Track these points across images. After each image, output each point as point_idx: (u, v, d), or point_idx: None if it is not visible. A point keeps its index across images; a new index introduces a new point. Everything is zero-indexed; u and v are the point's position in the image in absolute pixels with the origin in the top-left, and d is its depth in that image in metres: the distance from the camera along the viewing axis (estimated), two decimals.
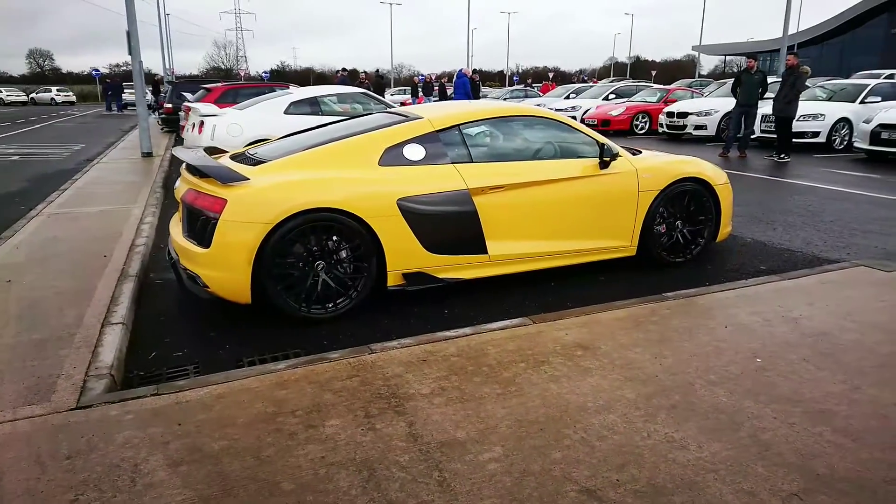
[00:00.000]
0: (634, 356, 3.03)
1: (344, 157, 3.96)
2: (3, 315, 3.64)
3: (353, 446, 2.29)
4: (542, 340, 3.23)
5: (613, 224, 4.50)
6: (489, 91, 32.32)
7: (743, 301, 3.77)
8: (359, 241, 3.73)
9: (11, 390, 2.73)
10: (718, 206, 4.81)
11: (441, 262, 4.01)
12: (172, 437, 2.37)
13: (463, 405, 2.58)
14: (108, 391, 2.77)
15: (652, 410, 2.52)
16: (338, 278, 3.77)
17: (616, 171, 4.46)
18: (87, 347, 3.18)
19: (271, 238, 3.52)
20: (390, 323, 3.77)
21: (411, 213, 3.83)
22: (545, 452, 2.24)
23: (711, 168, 4.89)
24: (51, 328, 3.43)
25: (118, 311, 3.72)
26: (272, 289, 3.59)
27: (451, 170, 4.04)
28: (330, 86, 10.87)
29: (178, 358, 3.34)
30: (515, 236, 4.22)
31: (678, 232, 4.77)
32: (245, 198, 3.54)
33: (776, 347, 3.11)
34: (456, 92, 17.48)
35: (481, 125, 4.45)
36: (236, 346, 3.47)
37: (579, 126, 4.59)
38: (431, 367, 2.93)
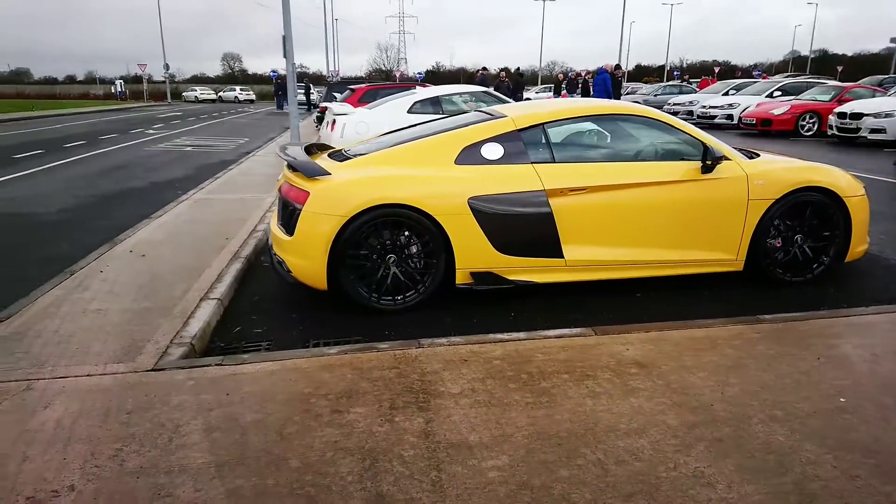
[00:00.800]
0: (695, 380, 2.77)
1: (422, 155, 4.04)
2: (129, 284, 4.20)
3: (367, 435, 2.35)
4: (596, 353, 3.06)
5: (715, 235, 4.11)
6: (640, 86, 30.88)
7: (852, 331, 3.27)
8: (428, 237, 3.79)
9: (109, 349, 3.17)
10: (849, 220, 4.20)
11: (512, 264, 3.94)
12: (218, 405, 2.60)
13: (487, 409, 2.54)
14: (183, 357, 3.11)
15: (690, 441, 2.30)
16: (407, 272, 3.86)
17: (722, 176, 4.07)
18: (181, 318, 3.59)
19: (346, 230, 3.70)
20: (455, 321, 3.79)
21: (482, 212, 3.81)
22: (552, 468, 2.14)
23: (843, 177, 4.28)
24: (160, 298, 3.91)
25: (219, 287, 4.14)
26: (345, 278, 3.77)
27: (530, 170, 3.95)
28: (454, 85, 11.06)
29: (258, 334, 3.63)
30: (597, 241, 4.02)
31: (797, 248, 4.24)
32: (325, 191, 3.75)
33: (870, 388, 2.66)
34: (595, 89, 16.89)
35: (570, 124, 4.28)
36: (310, 329, 3.70)
37: (681, 125, 4.25)
38: (470, 368, 2.91)
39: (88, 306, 3.80)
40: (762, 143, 13.99)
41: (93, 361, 3.03)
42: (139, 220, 6.17)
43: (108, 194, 8.32)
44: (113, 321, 3.55)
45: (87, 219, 6.80)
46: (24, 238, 5.92)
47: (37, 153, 12.86)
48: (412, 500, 1.99)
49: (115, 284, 4.21)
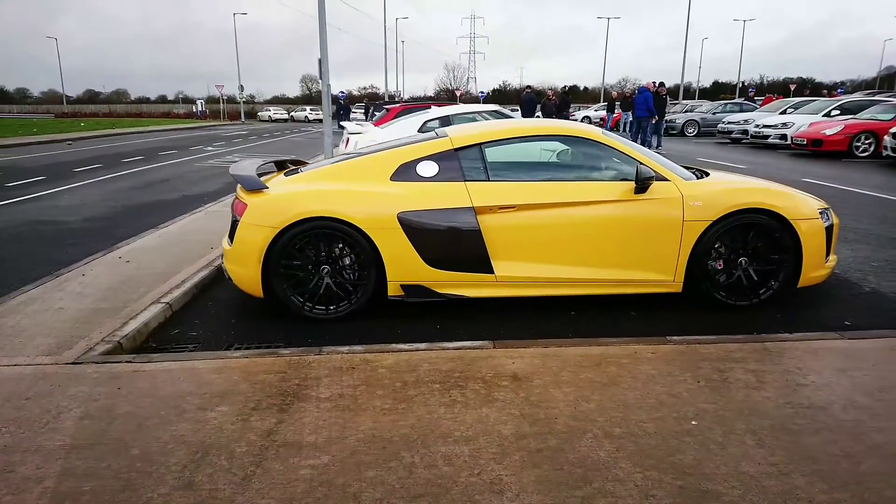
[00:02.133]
0: (557, 395, 2.78)
1: (360, 171, 4.22)
2: (99, 287, 4.58)
3: (214, 431, 2.52)
4: (480, 365, 3.11)
5: (650, 255, 4.06)
6: (701, 104, 30.00)
7: (755, 357, 3.16)
8: (359, 250, 3.95)
9: (47, 343, 3.50)
10: (799, 244, 4.04)
11: (442, 278, 4.04)
12: (105, 396, 2.84)
13: (341, 413, 2.66)
14: (105, 354, 3.39)
15: (510, 451, 2.33)
16: (340, 283, 4.03)
17: (655, 197, 4.02)
18: (124, 319, 3.89)
19: (279, 241, 3.92)
20: (388, 330, 3.89)
21: (412, 227, 3.94)
22: (363, 469, 2.24)
23: (793, 199, 4.12)
24: (117, 300, 4.25)
25: (174, 293, 4.44)
26: (279, 286, 3.99)
27: (461, 187, 4.05)
28: (468, 104, 11.23)
29: (192, 337, 3.89)
30: (528, 258, 4.06)
31: (741, 271, 4.11)
32: (261, 204, 3.99)
33: (731, 413, 2.59)
34: (637, 108, 16.64)
35: (509, 144, 4.35)
36: (244, 334, 3.92)
37: (619, 145, 4.23)
38: (353, 375, 3.03)
39: (53, 305, 4.18)
40: (811, 164, 13.35)
41: (27, 353, 3.36)
42: (152, 229, 6.66)
43: (138, 205, 8.97)
44: (65, 318, 3.91)
45: (108, 227, 7.38)
46: (44, 243, 6.52)
47: (95, 167, 13.98)
48: (216, 489, 2.14)
49: (88, 287, 4.60)
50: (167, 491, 2.13)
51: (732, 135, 20.88)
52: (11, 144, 20.96)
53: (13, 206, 8.84)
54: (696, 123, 25.71)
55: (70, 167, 14.01)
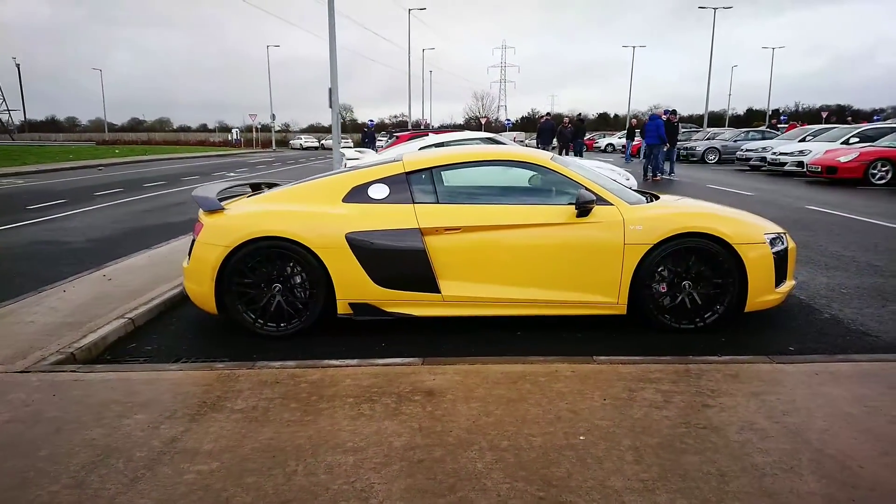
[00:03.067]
0: (462, 410, 2.84)
1: (315, 192, 4.38)
2: (74, 302, 4.81)
3: (123, 437, 2.65)
4: (402, 381, 3.19)
5: (592, 277, 4.10)
6: (721, 131, 29.76)
7: (672, 378, 3.17)
8: (309, 268, 4.09)
9: (2, 354, 3.70)
10: (743, 269, 4.03)
11: (390, 297, 4.14)
12: (38, 402, 3.01)
13: (248, 424, 2.76)
14: (55, 364, 3.57)
15: (393, 460, 2.40)
16: (291, 301, 4.17)
17: (596, 220, 4.08)
18: (84, 332, 4.09)
19: (231, 259, 4.08)
20: (329, 347, 3.99)
21: (359, 247, 4.07)
22: (244, 476, 2.33)
23: (736, 223, 4.13)
24: (85, 315, 4.46)
25: (140, 309, 4.64)
26: (231, 303, 4.14)
27: (409, 209, 4.17)
28: (463, 132, 11.42)
29: (145, 351, 4.05)
30: (474, 279, 4.14)
31: (685, 294, 4.11)
32: (215, 224, 4.18)
33: (624, 431, 2.61)
34: (648, 135, 16.62)
35: (460, 168, 4.47)
36: (195, 349, 4.06)
37: (564, 170, 4.31)
38: (274, 389, 3.14)
39: (25, 318, 4.41)
40: (823, 192, 13.13)
41: None
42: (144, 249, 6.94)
43: (144, 227, 9.33)
44: (30, 331, 4.12)
45: (108, 248, 7.69)
46: (41, 262, 6.84)
47: (116, 191, 14.57)
48: (103, 489, 2.26)
49: (63, 302, 4.83)
50: (57, 489, 2.26)
51: (751, 162, 20.62)
52: (46, 170, 21.96)
53: (26, 228, 9.28)
54: (716, 151, 25.49)
55: (92, 191, 14.62)
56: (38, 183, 17.06)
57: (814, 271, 5.84)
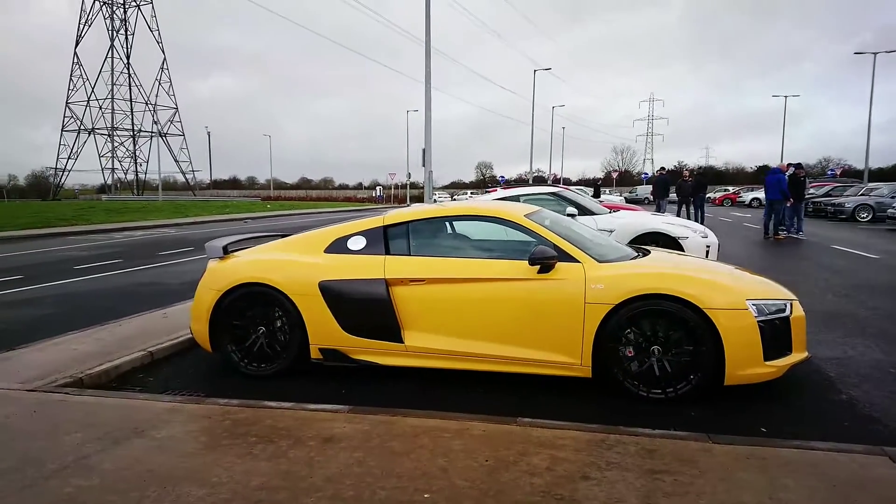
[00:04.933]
0: (340, 458, 2.89)
1: (304, 243, 4.72)
2: (122, 335, 5.51)
3: (48, 448, 3.05)
4: (312, 426, 3.31)
5: (554, 336, 3.94)
6: (878, 186, 26.44)
7: (578, 447, 2.95)
8: (286, 313, 4.39)
9: (31, 374, 4.36)
10: (719, 342, 3.65)
11: (357, 344, 4.30)
12: (16, 416, 3.53)
13: (151, 451, 3.04)
14: (61, 386, 4.15)
15: (228, 498, 2.52)
16: (271, 344, 4.48)
17: (559, 277, 3.95)
18: (102, 361, 4.69)
19: (223, 302, 4.51)
20: (299, 391, 4.21)
21: (331, 294, 4.30)
22: (104, 495, 2.59)
23: (710, 286, 3.78)
24: (119, 346, 5.10)
25: (164, 343, 5.22)
26: (221, 343, 4.55)
27: (380, 260, 4.34)
28: (531, 187, 11.32)
29: (150, 382, 4.55)
30: (436, 331, 4.17)
31: (654, 360, 3.80)
32: (213, 270, 4.65)
33: (480, 493, 2.50)
34: (768, 191, 15.30)
35: (435, 223, 4.57)
36: (189, 383, 4.48)
37: (534, 226, 4.23)
38: (200, 422, 3.41)
39: (73, 346, 5.16)
40: None
41: (14, 379, 4.24)
42: None
43: None
44: (67, 357, 4.81)
45: (191, 290, 8.64)
46: (131, 300, 7.89)
47: None
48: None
49: (112, 334, 5.57)
50: None
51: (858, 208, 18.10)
52: (199, 221, 25.13)
53: (142, 271, 10.73)
54: (869, 208, 22.68)
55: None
56: (184, 233, 19.59)
57: (875, 346, 5.04)
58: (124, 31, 70.73)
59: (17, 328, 6.27)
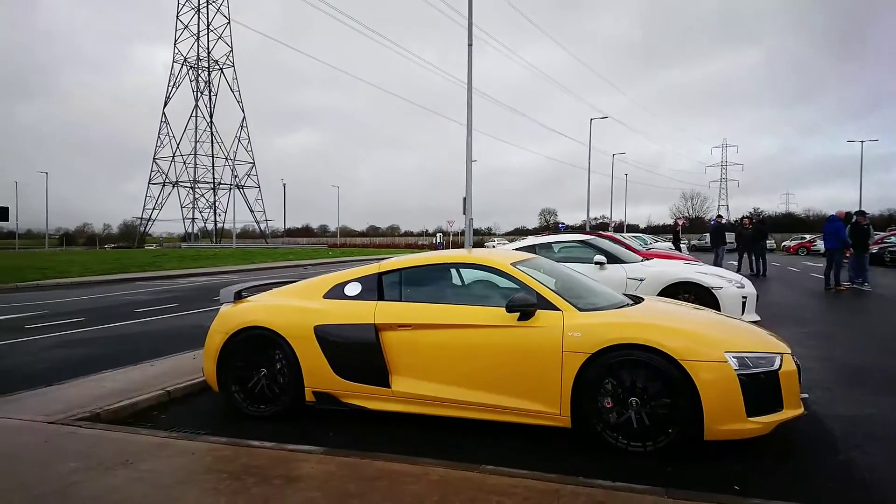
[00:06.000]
0: (291, 497, 3.01)
1: (306, 289, 4.97)
2: (149, 375, 5.89)
3: (42, 476, 3.32)
4: (284, 466, 3.45)
5: (533, 384, 3.96)
6: None
7: (525, 494, 2.94)
8: (284, 356, 4.61)
9: (57, 408, 4.74)
10: (696, 395, 3.57)
11: (347, 388, 4.44)
12: (27, 445, 3.86)
13: (128, 482, 3.27)
14: (78, 419, 4.49)
15: None
16: (270, 386, 4.69)
17: (537, 325, 3.99)
18: (122, 398, 5.04)
19: (229, 344, 4.79)
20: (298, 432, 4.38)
21: (324, 338, 4.49)
22: None
23: (687, 335, 3.72)
24: (144, 385, 5.45)
25: (183, 383, 5.54)
26: (227, 383, 4.80)
27: (371, 305, 4.52)
28: (562, 234, 11.23)
29: (161, 419, 4.84)
30: (422, 376, 4.27)
31: (632, 412, 3.74)
32: (223, 314, 4.96)
33: None
34: (827, 240, 14.58)
35: (426, 271, 4.71)
36: (198, 421, 4.74)
37: (519, 274, 4.31)
38: (183, 458, 3.63)
39: (105, 383, 5.55)
40: None
41: (36, 412, 4.62)
42: None
43: None
44: (96, 393, 5.19)
45: None
46: (172, 341, 8.37)
47: None
48: None
49: (143, 373, 5.95)
50: None
51: None
52: (262, 268, 26.27)
53: (193, 315, 11.35)
54: None
55: None
56: (245, 278, 20.49)
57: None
58: (208, 92, 76.48)
59: (63, 366, 6.79)
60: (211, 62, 76.14)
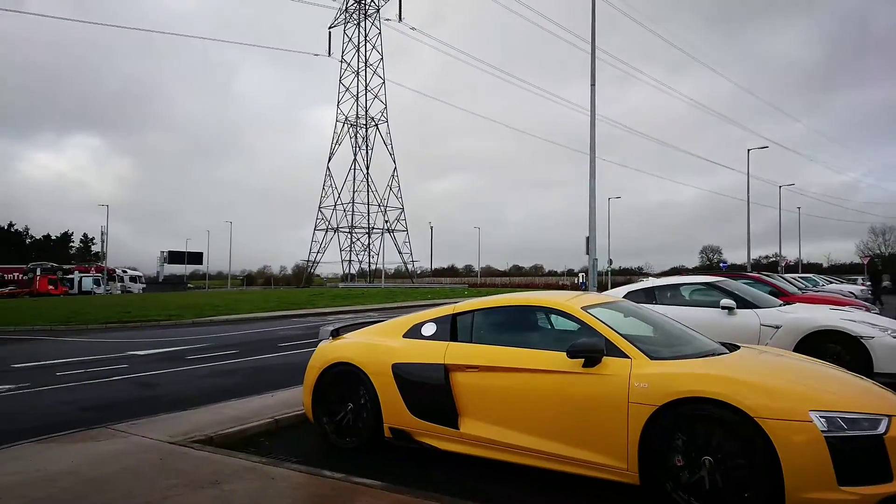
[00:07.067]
0: None
1: (390, 327, 5.22)
2: (267, 404, 6.48)
3: (147, 489, 3.82)
4: (341, 496, 3.65)
5: (597, 435, 3.79)
6: None
7: None
8: (366, 392, 4.87)
9: (182, 430, 5.40)
10: (774, 457, 3.20)
11: (419, 426, 4.57)
12: (145, 460, 4.45)
13: (206, 498, 3.64)
14: (193, 441, 5.08)
15: None
16: (355, 420, 4.96)
17: (602, 373, 3.84)
18: (235, 423, 5.60)
19: (322, 378, 5.16)
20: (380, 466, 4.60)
21: (399, 376, 4.69)
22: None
23: (765, 390, 3.35)
24: (260, 413, 6.01)
25: (288, 414, 6.01)
26: (319, 415, 5.16)
27: (443, 346, 4.63)
28: (689, 276, 10.36)
29: (266, 445, 5.30)
30: (489, 419, 4.27)
31: (705, 472, 3.42)
32: (319, 350, 5.36)
33: None
34: None
35: (498, 313, 4.72)
36: (295, 448, 5.14)
37: (588, 318, 4.17)
38: (262, 482, 3.96)
39: (229, 411, 6.18)
40: None
41: (164, 433, 5.30)
42: None
43: None
44: (218, 419, 5.81)
45: None
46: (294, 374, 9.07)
47: None
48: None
49: (263, 403, 6.55)
50: None
51: None
52: (402, 306, 27.45)
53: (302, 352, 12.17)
54: None
55: None
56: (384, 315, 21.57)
57: None
58: (365, 146, 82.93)
59: (206, 393, 7.66)
60: (368, 119, 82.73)
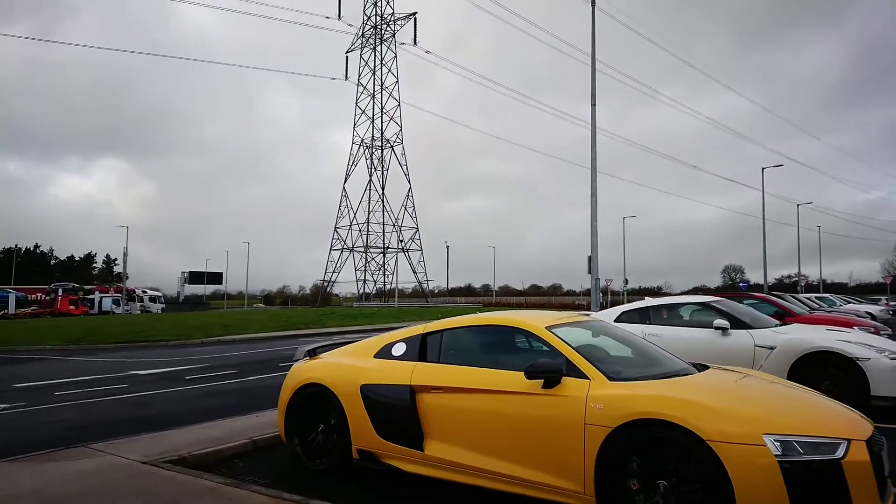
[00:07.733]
0: None
1: (361, 348, 5.20)
2: (249, 424, 6.48)
3: None
4: None
5: (555, 458, 3.73)
6: None
7: None
8: (335, 413, 4.84)
9: (160, 450, 5.40)
10: (728, 481, 3.12)
11: (386, 448, 4.53)
12: (111, 479, 4.47)
13: None
14: (165, 461, 5.08)
15: None
16: (325, 442, 4.93)
17: (561, 394, 3.79)
18: (212, 444, 5.60)
19: (295, 399, 5.15)
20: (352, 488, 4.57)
21: (368, 397, 4.66)
22: None
23: (718, 412, 3.28)
24: (241, 433, 6.02)
25: (267, 434, 5.99)
26: (292, 436, 5.14)
27: (410, 366, 4.60)
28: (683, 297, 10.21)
29: (240, 466, 5.28)
30: (453, 441, 4.22)
31: (659, 497, 3.34)
32: (293, 370, 5.36)
33: None
34: None
35: (466, 333, 4.69)
36: (269, 470, 5.12)
37: (552, 338, 4.12)
38: (218, 502, 3.94)
39: (211, 431, 6.19)
40: None
41: (142, 452, 5.31)
42: None
43: None
44: (192, 440, 5.82)
45: None
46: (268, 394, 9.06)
47: None
48: None
49: (246, 423, 6.55)
50: None
51: None
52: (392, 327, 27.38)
53: None
54: None
55: None
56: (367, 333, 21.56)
57: None
58: (380, 167, 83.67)
59: (194, 413, 7.66)
60: (383, 141, 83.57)
